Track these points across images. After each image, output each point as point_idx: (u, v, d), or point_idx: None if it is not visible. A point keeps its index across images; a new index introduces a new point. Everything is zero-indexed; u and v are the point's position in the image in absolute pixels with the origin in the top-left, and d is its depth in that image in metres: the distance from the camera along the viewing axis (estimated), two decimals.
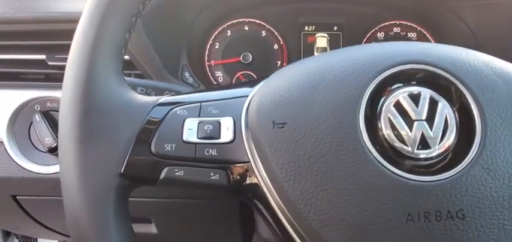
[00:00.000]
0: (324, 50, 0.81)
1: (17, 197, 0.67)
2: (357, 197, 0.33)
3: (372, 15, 0.81)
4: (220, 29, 0.80)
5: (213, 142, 0.37)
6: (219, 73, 0.81)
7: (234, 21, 0.81)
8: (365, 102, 0.35)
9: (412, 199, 0.32)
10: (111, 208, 0.36)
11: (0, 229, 1.09)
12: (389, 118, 0.34)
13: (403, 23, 0.81)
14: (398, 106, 0.35)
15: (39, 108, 0.64)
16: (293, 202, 0.35)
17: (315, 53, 0.81)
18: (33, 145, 0.64)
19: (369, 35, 0.81)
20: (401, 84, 0.36)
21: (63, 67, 0.64)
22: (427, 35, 0.80)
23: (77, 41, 0.37)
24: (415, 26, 0.81)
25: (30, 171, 0.63)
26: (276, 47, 0.81)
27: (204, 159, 0.37)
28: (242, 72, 0.80)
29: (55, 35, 0.63)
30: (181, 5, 0.72)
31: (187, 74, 0.71)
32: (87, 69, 0.36)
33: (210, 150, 0.37)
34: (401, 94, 0.35)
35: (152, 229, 0.72)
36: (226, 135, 0.37)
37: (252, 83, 0.41)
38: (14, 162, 0.63)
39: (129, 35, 0.39)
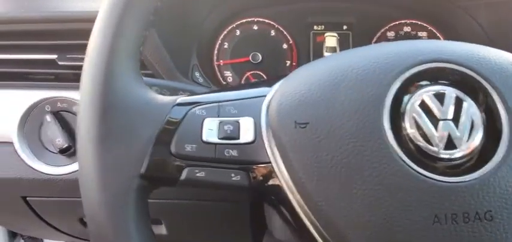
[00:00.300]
0: (334, 49, 0.81)
1: (27, 198, 0.67)
2: (382, 198, 0.33)
3: (381, 14, 0.80)
4: (229, 28, 0.80)
5: (234, 142, 0.37)
6: (228, 73, 0.80)
7: (243, 21, 0.80)
8: (389, 101, 0.34)
9: (439, 201, 0.32)
10: (131, 209, 0.35)
11: (7, 230, 1.08)
12: (414, 117, 0.34)
13: (413, 22, 0.80)
14: (423, 105, 0.34)
15: (49, 109, 0.63)
16: (316, 203, 0.34)
17: (324, 53, 0.81)
18: (43, 146, 0.64)
19: (378, 34, 0.80)
20: (426, 83, 0.35)
21: (74, 67, 0.64)
22: (438, 34, 0.80)
23: (94, 39, 0.37)
24: (425, 25, 0.80)
25: (41, 172, 0.63)
26: (285, 46, 0.80)
27: (224, 159, 0.36)
28: (251, 72, 0.79)
29: (66, 34, 0.63)
30: (191, 4, 0.71)
31: (197, 74, 0.71)
32: (105, 68, 0.36)
33: (231, 151, 0.36)
34: (426, 93, 0.34)
35: (162, 230, 0.72)
36: (246, 136, 0.37)
37: (269, 82, 0.41)
38: (25, 163, 0.63)
39: (147, 33, 0.39)
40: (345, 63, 0.37)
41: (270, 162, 0.36)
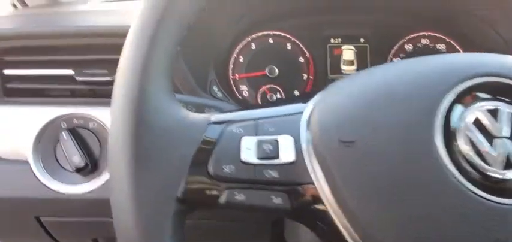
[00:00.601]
0: (351, 62, 0.80)
1: (41, 218, 0.65)
2: (437, 221, 0.31)
3: (399, 26, 0.79)
4: (245, 42, 0.78)
5: (273, 162, 0.35)
6: (243, 87, 0.78)
7: (259, 34, 0.79)
8: (442, 116, 0.32)
9: (500, 224, 0.30)
10: (168, 235, 0.33)
11: None
12: (468, 135, 0.32)
13: (432, 34, 0.79)
14: (476, 122, 0.32)
15: (65, 125, 0.61)
16: (364, 226, 0.32)
17: (342, 66, 0.80)
18: (59, 164, 0.62)
19: (396, 47, 0.79)
20: (478, 97, 0.33)
21: (90, 83, 0.62)
22: (456, 46, 0.79)
23: (127, 54, 0.35)
24: (443, 37, 0.79)
25: (56, 192, 0.61)
26: (301, 60, 0.79)
27: (264, 180, 0.34)
28: (268, 86, 0.78)
29: (83, 49, 0.61)
30: (209, 19, 0.70)
31: (215, 88, 0.69)
32: (139, 84, 0.34)
33: (270, 171, 0.35)
34: (479, 109, 0.33)
35: None
36: (286, 155, 0.35)
37: (304, 98, 0.39)
38: (40, 182, 0.61)
39: (180, 49, 0.37)
40: (392, 76, 0.35)
41: (312, 183, 0.34)
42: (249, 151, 0.35)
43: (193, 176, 0.34)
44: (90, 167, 0.60)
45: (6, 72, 0.62)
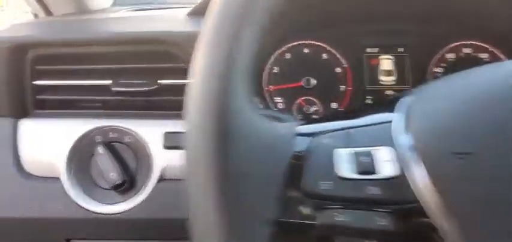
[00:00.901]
0: (389, 73, 0.76)
1: (71, 241, 0.60)
2: None
3: (439, 35, 0.76)
4: (280, 51, 0.75)
5: (375, 177, 0.30)
6: (278, 99, 0.75)
7: (294, 44, 0.75)
8: None
9: None
10: None
11: None
12: None
13: (474, 43, 0.76)
14: None
15: (101, 139, 0.57)
16: None
17: (379, 77, 0.76)
18: (93, 181, 0.57)
19: (438, 56, 0.76)
20: None
21: (127, 94, 0.58)
22: (500, 55, 0.75)
23: (204, 58, 0.31)
24: (486, 46, 0.76)
25: (90, 211, 0.56)
26: (338, 70, 0.75)
27: (366, 198, 0.30)
28: (304, 98, 0.74)
29: (119, 58, 0.57)
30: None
31: (256, 100, 0.65)
32: (222, 91, 0.30)
33: (372, 188, 0.30)
34: None
35: None
36: (387, 169, 0.31)
37: (388, 105, 0.35)
38: (72, 200, 0.56)
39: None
40: (504, 76, 0.31)
41: (421, 202, 0.30)
42: (344, 165, 0.31)
43: (287, 195, 0.30)
44: (127, 184, 0.56)
45: (38, 82, 0.57)
